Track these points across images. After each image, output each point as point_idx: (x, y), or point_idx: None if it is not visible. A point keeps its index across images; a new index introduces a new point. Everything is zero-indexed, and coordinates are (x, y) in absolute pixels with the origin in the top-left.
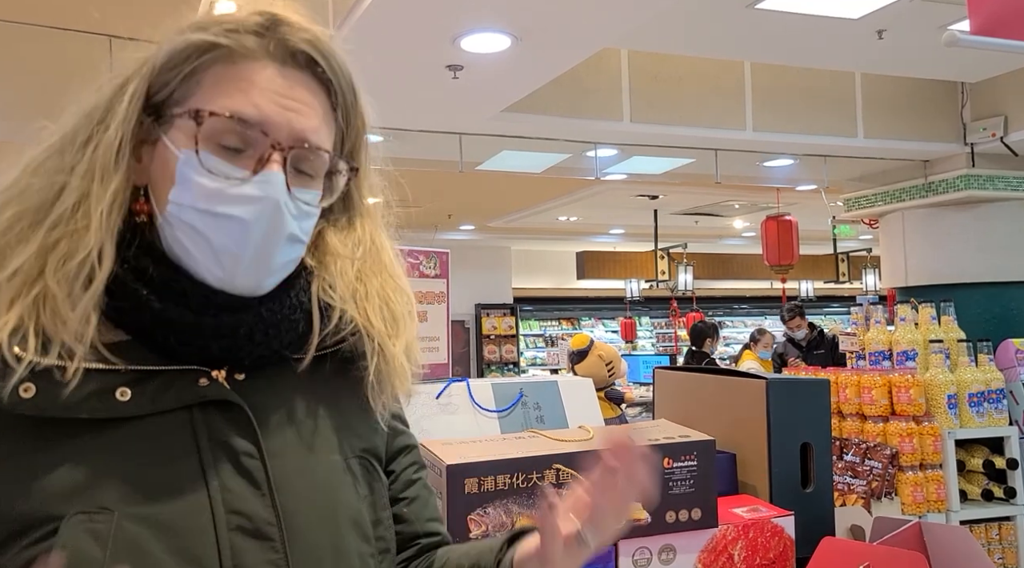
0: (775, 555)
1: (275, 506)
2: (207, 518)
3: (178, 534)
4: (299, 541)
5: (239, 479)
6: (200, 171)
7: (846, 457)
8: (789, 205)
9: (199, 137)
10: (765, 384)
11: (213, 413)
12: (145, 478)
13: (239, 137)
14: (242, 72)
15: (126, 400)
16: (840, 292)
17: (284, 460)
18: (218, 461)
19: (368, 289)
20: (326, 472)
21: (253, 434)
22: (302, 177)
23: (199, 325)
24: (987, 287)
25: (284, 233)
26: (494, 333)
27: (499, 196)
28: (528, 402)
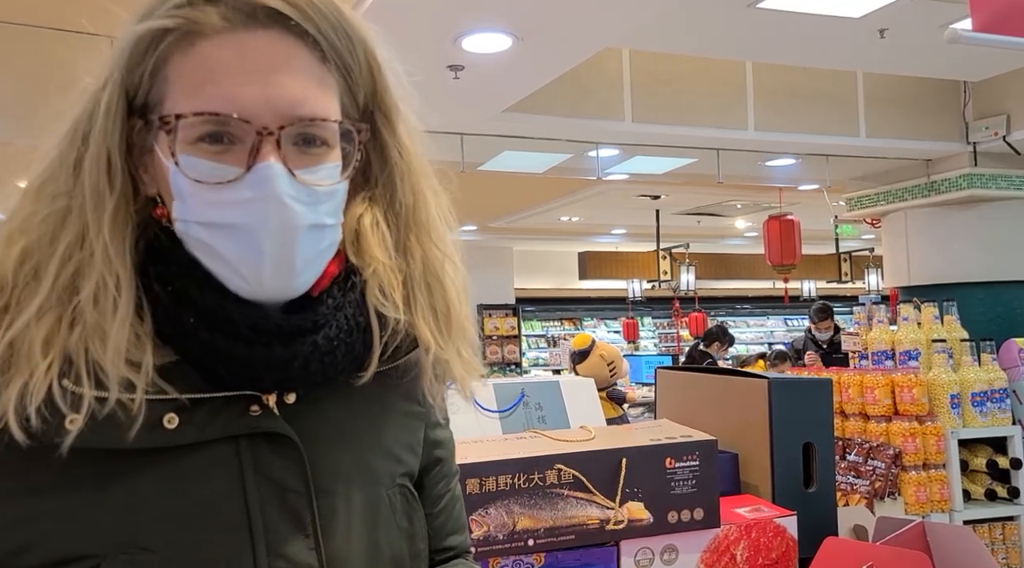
0: (777, 555)
1: (318, 550)
2: (248, 561)
3: None
4: None
5: (284, 519)
6: (185, 180)
7: (849, 457)
8: (791, 205)
9: (176, 145)
10: (767, 384)
11: (261, 444)
12: (187, 517)
13: (224, 135)
14: (202, 56)
15: (173, 428)
16: (842, 292)
17: (330, 498)
18: (263, 499)
19: (413, 275)
20: (371, 510)
21: (303, 470)
22: (309, 153)
23: (251, 358)
24: (990, 286)
25: (299, 226)
26: (496, 334)
27: (501, 196)
28: (530, 402)
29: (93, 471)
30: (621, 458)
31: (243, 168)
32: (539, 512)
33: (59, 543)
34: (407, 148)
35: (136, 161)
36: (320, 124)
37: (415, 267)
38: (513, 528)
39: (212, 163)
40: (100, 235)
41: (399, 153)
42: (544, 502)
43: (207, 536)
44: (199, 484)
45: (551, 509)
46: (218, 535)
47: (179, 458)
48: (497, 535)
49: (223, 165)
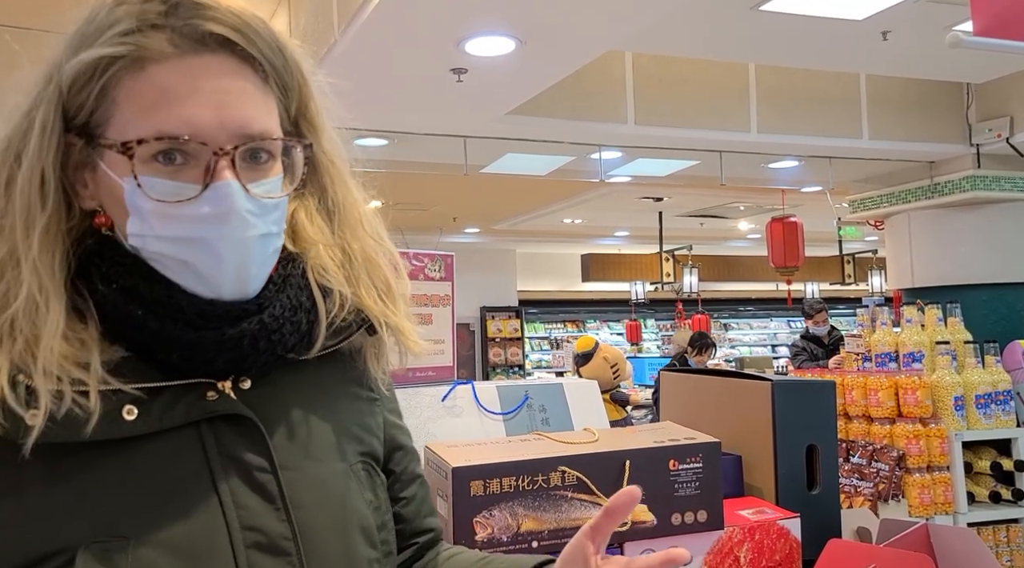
0: (781, 557)
1: (290, 520)
2: (223, 537)
3: (196, 556)
4: (314, 553)
5: (252, 494)
6: (147, 199)
7: (852, 459)
8: (794, 207)
9: (135, 167)
10: (771, 386)
11: (222, 427)
12: (158, 501)
13: (177, 153)
14: (154, 80)
15: (133, 419)
16: (846, 294)
17: (295, 472)
18: (230, 477)
19: (353, 260)
20: (335, 481)
21: (265, 447)
22: (257, 167)
23: (201, 341)
24: (994, 288)
25: (254, 236)
26: (499, 336)
27: (504, 199)
28: (533, 405)
29: (58, 467)
30: (624, 460)
31: (199, 185)
32: (543, 514)
33: (33, 541)
34: (330, 152)
35: (71, 177)
36: (269, 142)
37: (354, 251)
38: (517, 530)
39: (169, 181)
40: (29, 252)
41: (326, 157)
42: (548, 504)
43: (179, 517)
44: (166, 470)
45: (555, 511)
46: (191, 515)
47: (142, 447)
48: (501, 537)
49: (180, 183)
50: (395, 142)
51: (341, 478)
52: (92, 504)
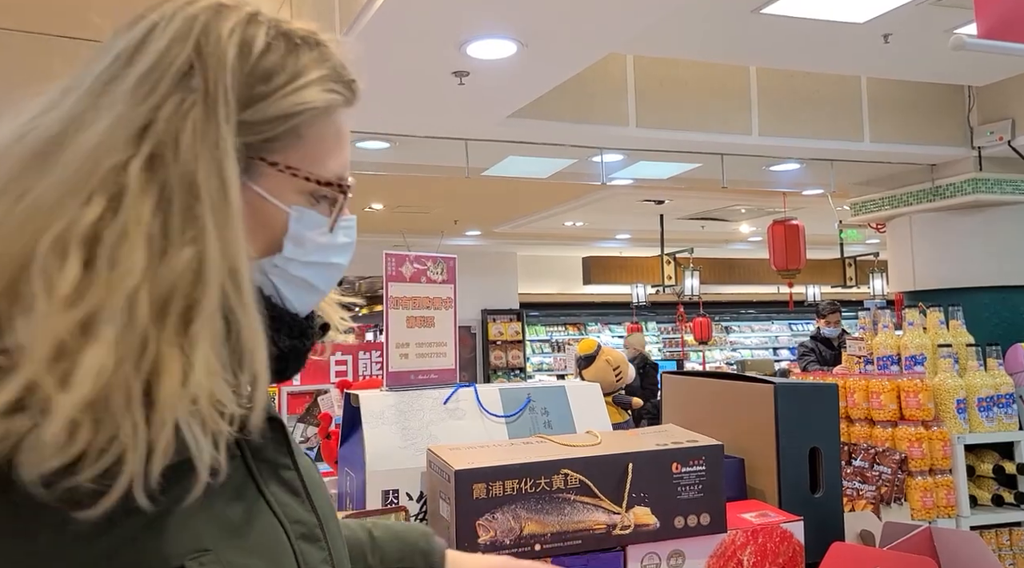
0: (784, 560)
1: (315, 510)
2: (282, 533)
3: (273, 552)
4: (330, 536)
5: (284, 491)
6: (314, 227)
7: (855, 462)
8: (796, 209)
9: (315, 196)
10: (773, 389)
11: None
12: (224, 511)
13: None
14: (337, 125)
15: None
16: (847, 296)
17: (300, 466)
18: (267, 478)
19: None
20: (315, 470)
21: (289, 446)
22: None
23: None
24: (996, 291)
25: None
26: (500, 339)
27: (505, 202)
28: (536, 407)
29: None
30: (627, 463)
31: (330, 217)
32: (545, 517)
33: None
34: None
35: None
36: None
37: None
38: (520, 533)
39: (319, 215)
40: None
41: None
42: (550, 507)
43: (245, 522)
44: (221, 481)
45: (557, 514)
46: (253, 518)
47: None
48: (504, 540)
49: (323, 216)
50: (397, 145)
51: (312, 465)
52: (178, 522)
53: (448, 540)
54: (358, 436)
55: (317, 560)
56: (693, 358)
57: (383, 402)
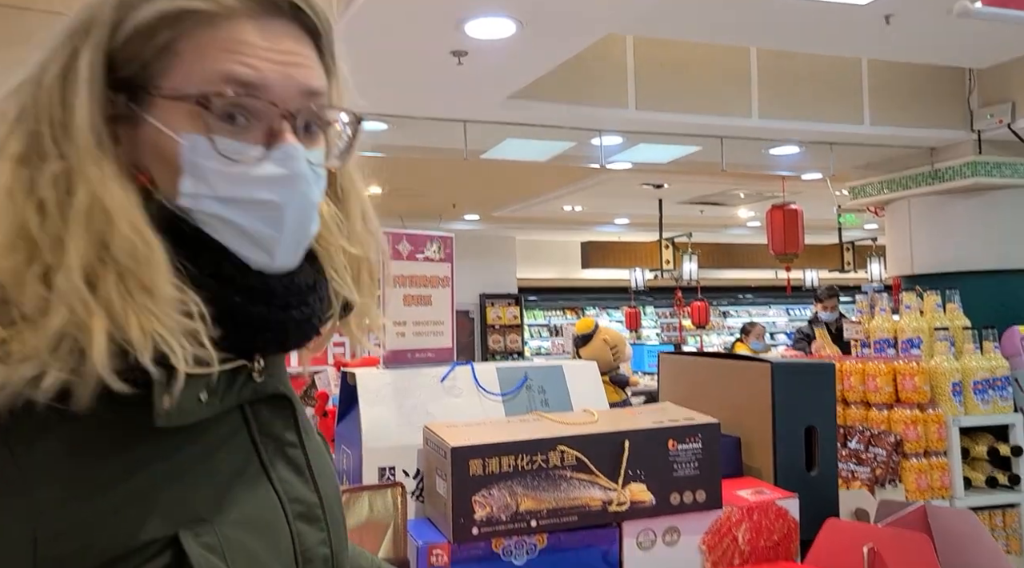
0: (779, 537)
1: (318, 490)
2: (280, 511)
3: (268, 530)
4: (331, 518)
5: (288, 469)
6: (213, 157)
7: (850, 444)
8: (794, 194)
9: (209, 121)
10: (770, 368)
11: (260, 406)
12: (224, 483)
13: (241, 114)
14: (226, 33)
15: (206, 402)
16: (845, 281)
17: (308, 443)
18: (271, 454)
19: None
20: (324, 451)
21: (295, 424)
22: (309, 136)
23: (287, 321)
24: (993, 275)
25: (312, 204)
26: (499, 323)
27: (504, 185)
28: (533, 386)
29: (142, 453)
30: (624, 440)
31: (262, 146)
32: (542, 493)
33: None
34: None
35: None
36: (326, 111)
37: (358, 250)
38: (516, 509)
39: (232, 141)
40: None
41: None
42: (547, 484)
43: (245, 496)
44: (225, 452)
45: (554, 490)
46: (253, 493)
47: (206, 431)
48: (500, 516)
49: (244, 144)
50: (395, 126)
51: (324, 448)
52: (175, 491)
53: (445, 517)
54: (355, 414)
55: (315, 541)
56: (691, 343)
57: (380, 380)
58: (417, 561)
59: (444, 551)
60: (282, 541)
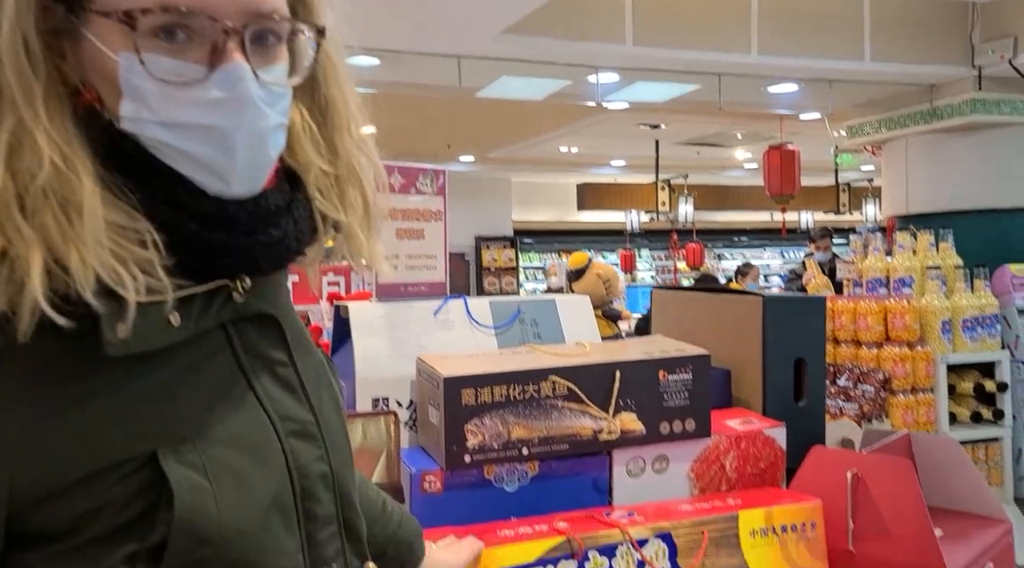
0: (766, 465)
1: (312, 408)
2: (270, 429)
3: (257, 449)
4: (328, 435)
5: (278, 388)
6: (147, 78)
7: (839, 382)
8: (792, 135)
9: (137, 42)
10: (762, 301)
11: (245, 326)
12: (206, 404)
13: (180, 30)
14: None
15: (178, 326)
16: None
17: (301, 363)
18: (259, 374)
19: (340, 176)
20: (322, 369)
21: (284, 343)
22: (264, 52)
23: (253, 246)
24: (987, 214)
25: (268, 127)
26: (494, 265)
27: (499, 126)
28: (525, 319)
29: (110, 377)
30: (615, 371)
31: (204, 66)
32: (533, 422)
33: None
34: (325, 44)
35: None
36: (278, 22)
37: (341, 167)
38: (508, 438)
39: (172, 60)
40: (39, 122)
41: (322, 50)
42: (538, 413)
43: (230, 416)
44: (206, 373)
45: (545, 419)
46: (239, 413)
47: (181, 353)
48: (492, 444)
49: (184, 63)
50: (387, 61)
51: (323, 367)
52: (150, 412)
53: (437, 445)
54: (348, 346)
55: (311, 458)
56: (685, 285)
57: (373, 313)
58: (410, 487)
59: (437, 478)
60: (273, 459)
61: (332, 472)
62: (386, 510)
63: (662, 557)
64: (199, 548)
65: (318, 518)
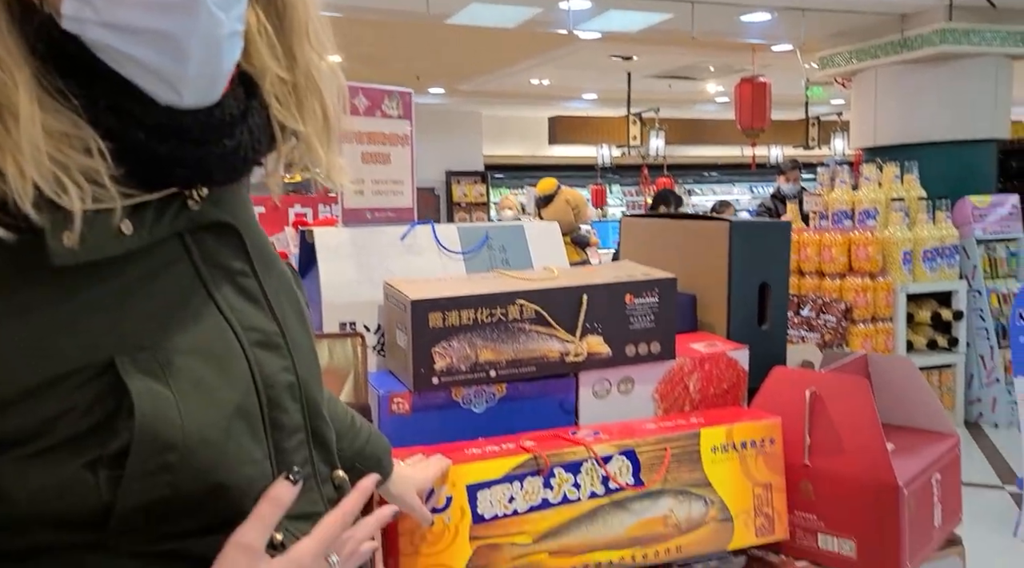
0: (728, 386)
1: (276, 318)
2: (232, 338)
3: (220, 358)
4: (293, 345)
5: (240, 298)
6: None
7: (803, 312)
8: (764, 67)
9: None
10: (728, 226)
11: (202, 235)
12: (164, 313)
13: None
14: None
15: (130, 234)
16: (809, 158)
17: (264, 274)
18: (219, 283)
19: (298, 84)
20: (286, 278)
21: (245, 253)
22: None
23: (207, 156)
24: (952, 146)
25: (223, 34)
26: (464, 201)
27: (470, 55)
28: (494, 245)
29: (59, 286)
30: (582, 295)
31: None
32: (501, 345)
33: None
34: None
35: None
36: None
37: (299, 75)
38: (475, 360)
39: None
40: None
41: None
42: (506, 336)
43: (191, 325)
44: (162, 283)
45: (512, 342)
46: (200, 322)
47: (136, 262)
48: (460, 366)
49: None
50: None
51: (287, 278)
52: (103, 320)
53: (405, 368)
54: (314, 273)
55: (276, 368)
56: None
57: (338, 237)
58: (379, 409)
59: (405, 399)
60: (236, 368)
61: (299, 382)
62: (355, 425)
63: (626, 472)
64: (162, 454)
65: (285, 427)
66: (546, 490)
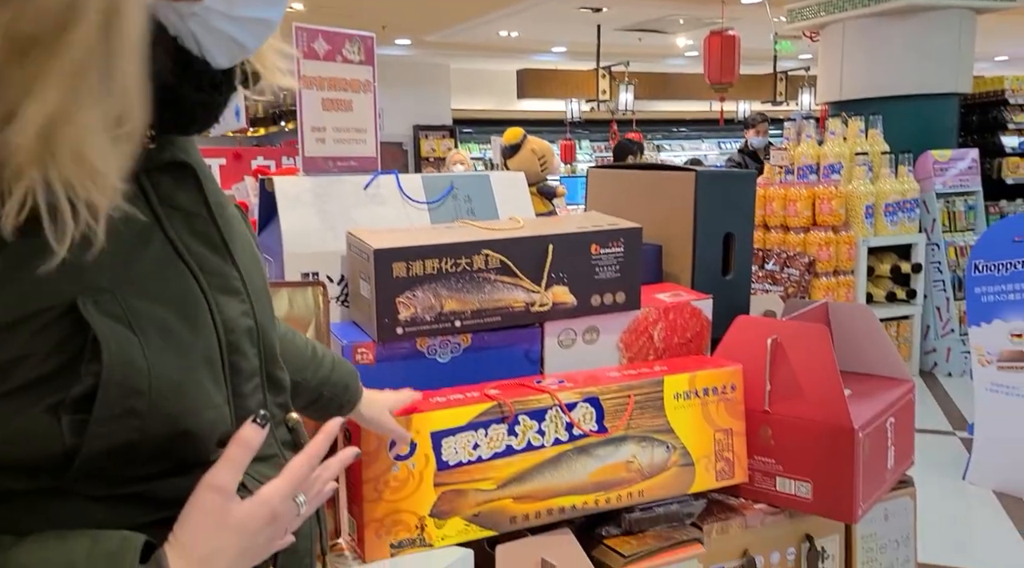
0: (692, 335)
1: (235, 263)
2: (194, 283)
3: (179, 300)
4: (251, 288)
5: (197, 241)
6: None
7: (767, 266)
8: (733, 20)
9: None
10: (695, 176)
11: (159, 177)
12: (122, 255)
13: None
14: None
15: None
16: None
17: (221, 217)
18: (176, 225)
19: None
20: (240, 221)
21: (203, 196)
22: None
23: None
24: (916, 99)
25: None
26: (432, 155)
27: (437, 5)
28: (459, 195)
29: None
30: (548, 245)
31: None
32: (466, 295)
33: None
34: None
35: None
36: None
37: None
38: (440, 310)
39: None
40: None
41: None
42: (471, 286)
43: (150, 268)
44: (122, 223)
45: (478, 292)
46: (159, 265)
47: None
48: (424, 316)
49: None
50: None
51: (238, 219)
52: (70, 262)
53: (369, 318)
54: (275, 222)
55: (236, 312)
56: None
57: (299, 186)
58: None
59: (369, 349)
60: (198, 312)
61: (257, 326)
62: (316, 355)
63: (589, 419)
64: (129, 399)
65: (243, 371)
66: (510, 437)
